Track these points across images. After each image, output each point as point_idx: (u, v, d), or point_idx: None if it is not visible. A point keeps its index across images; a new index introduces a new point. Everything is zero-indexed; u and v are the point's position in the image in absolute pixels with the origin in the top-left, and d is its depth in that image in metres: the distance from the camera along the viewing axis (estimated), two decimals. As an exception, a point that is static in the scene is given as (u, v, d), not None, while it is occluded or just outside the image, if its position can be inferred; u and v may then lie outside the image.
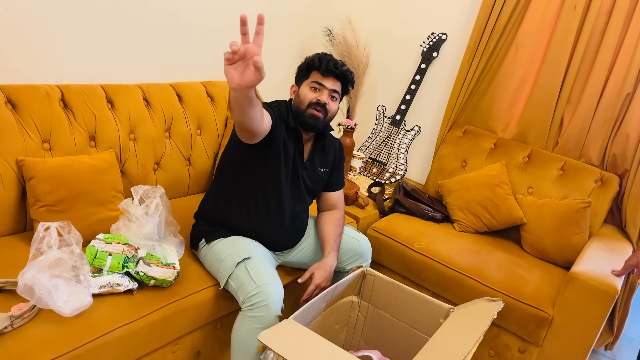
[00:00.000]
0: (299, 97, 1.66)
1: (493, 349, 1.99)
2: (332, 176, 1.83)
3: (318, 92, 1.64)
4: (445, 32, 2.75)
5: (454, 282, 2.02)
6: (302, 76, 1.68)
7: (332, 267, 1.69)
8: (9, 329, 1.18)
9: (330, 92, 1.65)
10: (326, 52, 1.70)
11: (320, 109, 1.63)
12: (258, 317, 1.43)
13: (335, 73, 1.63)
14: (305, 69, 1.67)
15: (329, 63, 1.63)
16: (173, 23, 2.11)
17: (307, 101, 1.63)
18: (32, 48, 1.72)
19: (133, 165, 1.85)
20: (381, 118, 2.91)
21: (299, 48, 2.80)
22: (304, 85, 1.66)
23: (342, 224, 1.82)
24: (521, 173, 2.43)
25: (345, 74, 1.66)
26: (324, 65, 1.62)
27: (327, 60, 1.63)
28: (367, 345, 1.77)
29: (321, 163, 1.77)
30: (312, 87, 1.64)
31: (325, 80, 1.64)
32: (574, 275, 1.80)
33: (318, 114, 1.63)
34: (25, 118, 1.58)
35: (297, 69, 1.71)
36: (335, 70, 1.63)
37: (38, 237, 1.32)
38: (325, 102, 1.63)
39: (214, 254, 1.60)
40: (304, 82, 1.67)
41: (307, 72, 1.66)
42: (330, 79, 1.64)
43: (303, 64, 1.69)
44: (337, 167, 1.85)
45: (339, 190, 1.87)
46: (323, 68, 1.62)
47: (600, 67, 2.28)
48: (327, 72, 1.63)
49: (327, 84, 1.64)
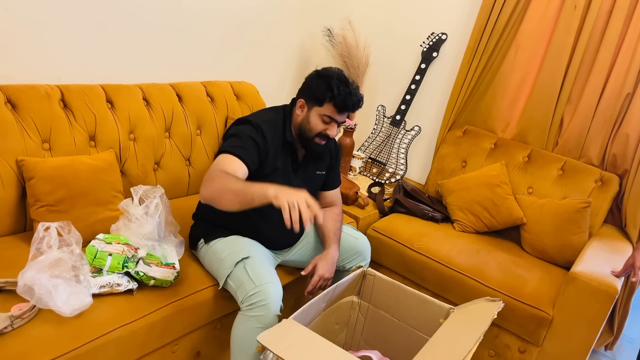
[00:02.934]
0: (308, 124, 1.60)
1: (493, 349, 1.99)
2: (328, 175, 1.83)
3: (328, 125, 1.59)
4: (445, 32, 2.75)
5: (454, 282, 2.02)
6: (315, 100, 1.58)
7: (335, 258, 1.70)
8: (9, 329, 1.18)
9: (340, 124, 1.62)
10: (343, 78, 1.57)
11: (327, 139, 1.63)
12: (257, 317, 1.43)
13: (351, 111, 1.60)
14: (322, 96, 1.56)
15: (346, 101, 1.54)
16: (173, 23, 2.11)
17: (317, 131, 1.60)
18: (32, 48, 1.72)
19: (133, 165, 1.85)
20: (381, 118, 2.91)
21: (299, 48, 2.80)
22: (315, 114, 1.59)
23: (340, 219, 1.83)
24: (521, 173, 2.43)
25: (358, 108, 1.61)
26: (340, 102, 1.54)
27: (345, 97, 1.54)
28: (367, 345, 1.77)
29: (316, 167, 1.76)
30: (322, 120, 1.59)
31: (339, 116, 1.58)
32: (574, 275, 1.80)
33: (323, 142, 1.63)
34: (25, 118, 1.58)
35: (309, 83, 1.61)
36: (352, 109, 1.58)
37: (38, 237, 1.32)
38: (334, 136, 1.62)
39: (213, 253, 1.60)
40: (314, 109, 1.59)
41: (320, 101, 1.57)
42: (345, 115, 1.60)
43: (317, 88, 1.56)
44: (334, 166, 1.84)
45: (336, 189, 1.88)
46: (340, 105, 1.55)
47: (600, 67, 2.28)
48: (345, 110, 1.57)
49: (339, 119, 1.59)
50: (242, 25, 2.42)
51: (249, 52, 2.52)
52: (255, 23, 2.48)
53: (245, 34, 2.45)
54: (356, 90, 1.58)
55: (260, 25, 2.52)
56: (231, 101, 2.26)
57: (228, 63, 2.44)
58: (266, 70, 2.67)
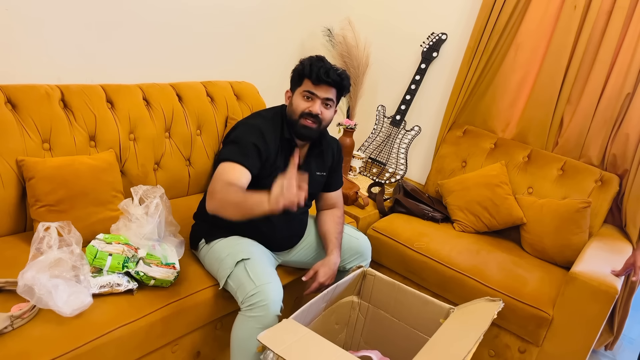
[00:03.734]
0: (292, 106, 1.60)
1: (493, 349, 1.99)
2: (331, 177, 1.82)
3: (310, 102, 1.57)
4: (445, 32, 2.75)
5: (454, 282, 2.02)
6: (295, 83, 1.61)
7: (336, 265, 1.69)
8: (9, 329, 1.18)
9: (323, 101, 1.58)
10: (320, 56, 1.60)
11: (313, 120, 1.57)
12: (257, 317, 1.43)
13: (327, 82, 1.55)
14: (298, 75, 1.59)
15: (319, 70, 1.53)
16: (173, 23, 2.11)
17: (299, 111, 1.57)
18: (32, 48, 1.72)
19: (133, 165, 1.85)
20: (381, 118, 2.91)
21: (299, 48, 2.80)
22: (297, 94, 1.60)
23: (342, 221, 1.83)
24: (521, 173, 2.43)
25: (337, 81, 1.56)
26: (314, 73, 1.53)
27: (319, 68, 1.54)
28: (367, 345, 1.77)
29: (318, 167, 1.75)
30: (304, 96, 1.57)
31: (317, 89, 1.56)
32: (574, 275, 1.80)
33: (311, 124, 1.58)
34: (25, 118, 1.58)
35: (291, 73, 1.64)
36: (326, 79, 1.54)
37: (38, 237, 1.32)
38: (318, 112, 1.57)
39: (213, 253, 1.60)
40: (296, 90, 1.60)
41: (299, 80, 1.59)
42: (323, 87, 1.56)
43: (295, 70, 1.62)
44: (336, 167, 1.83)
45: (337, 190, 1.87)
46: (314, 77, 1.54)
47: (600, 67, 2.28)
48: (319, 80, 1.54)
49: (319, 93, 1.56)
50: (242, 25, 2.42)
51: (249, 52, 2.52)
52: (256, 23, 2.48)
53: (245, 34, 2.45)
54: (331, 65, 1.56)
55: (261, 25, 2.52)
56: (231, 101, 2.26)
57: (228, 63, 2.44)
58: (266, 70, 2.67)
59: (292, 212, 1.67)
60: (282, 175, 1.27)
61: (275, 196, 1.25)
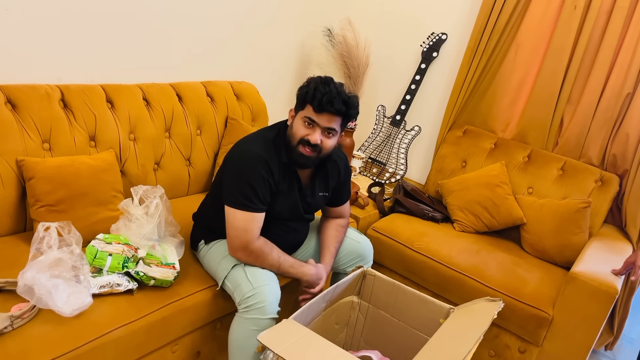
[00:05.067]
0: (292, 129, 1.49)
1: (493, 349, 1.99)
2: (335, 195, 1.75)
3: (310, 129, 1.45)
4: (445, 32, 2.75)
5: (454, 282, 2.02)
6: (299, 104, 1.49)
7: (325, 275, 1.65)
8: (9, 329, 1.18)
9: (325, 130, 1.45)
10: (328, 79, 1.44)
11: (312, 148, 1.46)
12: (254, 319, 1.43)
13: (330, 111, 1.41)
14: (301, 98, 1.46)
15: (323, 98, 1.39)
16: (173, 23, 2.11)
17: (298, 137, 1.46)
18: (32, 48, 1.72)
19: (133, 165, 1.85)
20: (381, 118, 2.91)
21: (299, 48, 2.80)
22: (298, 117, 1.47)
23: (344, 230, 1.79)
24: (521, 173, 2.43)
25: (342, 110, 1.42)
26: (317, 100, 1.40)
27: (322, 95, 1.39)
28: (367, 345, 1.77)
29: (321, 188, 1.68)
30: (305, 122, 1.45)
31: (319, 117, 1.43)
32: (574, 275, 1.80)
33: (309, 153, 1.47)
34: (25, 118, 1.58)
35: (297, 90, 1.50)
36: (330, 108, 1.40)
37: (38, 237, 1.32)
38: (317, 142, 1.44)
39: (212, 254, 1.60)
40: (299, 113, 1.48)
41: (302, 103, 1.46)
42: (325, 116, 1.43)
43: (300, 90, 1.48)
44: (342, 186, 1.75)
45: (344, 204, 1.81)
46: (316, 104, 1.40)
47: (600, 67, 2.28)
48: (321, 109, 1.41)
49: (321, 122, 1.43)
50: (242, 26, 2.42)
51: (249, 52, 2.52)
52: (256, 23, 2.48)
53: (245, 34, 2.45)
54: (341, 90, 1.43)
55: (261, 25, 2.52)
56: (231, 101, 2.26)
57: (228, 63, 2.44)
58: (266, 70, 2.67)
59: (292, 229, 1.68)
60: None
61: (314, 279, 1.59)
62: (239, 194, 1.46)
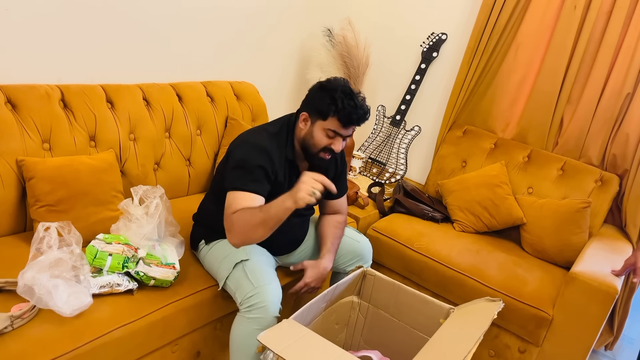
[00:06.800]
0: (312, 138, 1.54)
1: (493, 349, 1.99)
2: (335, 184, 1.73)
3: (333, 139, 1.53)
4: (445, 32, 2.75)
5: (454, 282, 2.02)
6: (318, 114, 1.51)
7: (326, 270, 1.66)
8: (9, 329, 1.18)
9: (345, 137, 1.56)
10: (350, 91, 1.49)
11: (330, 152, 1.56)
12: (256, 319, 1.43)
13: (357, 124, 1.52)
14: (325, 110, 1.49)
15: (352, 115, 1.47)
16: (173, 23, 2.11)
17: (321, 146, 1.54)
18: (32, 48, 1.72)
19: (133, 165, 1.85)
20: (381, 118, 2.92)
21: (299, 48, 2.80)
22: (319, 128, 1.52)
23: (342, 227, 1.80)
24: (521, 173, 2.43)
25: (363, 120, 1.52)
26: (345, 117, 1.47)
27: (351, 111, 1.47)
28: (367, 345, 1.77)
29: None
30: (327, 134, 1.52)
31: (344, 130, 1.52)
32: (574, 275, 1.80)
33: (328, 157, 1.58)
34: (25, 118, 1.58)
35: (312, 96, 1.55)
36: (357, 123, 1.51)
37: (38, 237, 1.32)
38: (339, 150, 1.55)
39: (213, 254, 1.60)
40: (318, 122, 1.52)
41: (324, 114, 1.50)
42: (350, 128, 1.53)
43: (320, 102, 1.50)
44: (340, 176, 1.79)
45: (341, 197, 1.83)
46: (345, 120, 1.48)
47: (600, 67, 2.28)
48: (350, 124, 1.50)
49: (344, 133, 1.53)
50: (242, 26, 2.42)
51: (249, 52, 2.52)
52: (256, 23, 2.48)
53: (245, 34, 2.45)
54: (362, 103, 1.51)
55: (261, 26, 2.52)
56: (231, 101, 2.26)
57: (228, 63, 2.44)
58: (266, 70, 2.67)
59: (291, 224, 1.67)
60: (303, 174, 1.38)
61: (297, 190, 1.35)
62: (234, 177, 1.48)
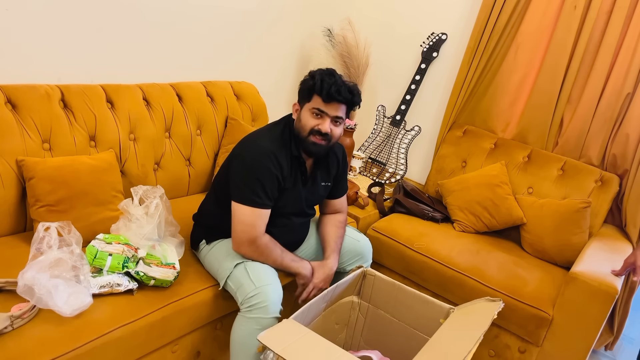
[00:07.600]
0: (300, 122, 1.56)
1: (493, 349, 1.99)
2: (335, 185, 1.78)
3: (320, 119, 1.53)
4: (445, 32, 2.75)
5: (454, 282, 2.02)
6: (304, 97, 1.56)
7: (333, 270, 1.68)
8: (9, 329, 1.18)
9: (333, 119, 1.54)
10: (331, 70, 1.55)
11: (322, 137, 1.53)
12: (257, 319, 1.43)
13: (337, 99, 1.51)
14: (307, 90, 1.54)
15: (330, 88, 1.48)
16: (173, 23, 2.11)
17: (308, 128, 1.53)
18: (32, 48, 1.72)
19: (133, 165, 1.85)
20: (381, 118, 2.91)
21: (299, 48, 2.80)
22: (305, 109, 1.54)
23: (343, 226, 1.81)
24: (521, 173, 2.43)
25: (348, 98, 1.52)
26: (325, 90, 1.48)
27: (330, 85, 1.48)
28: (367, 345, 1.77)
29: (323, 178, 1.72)
30: (313, 113, 1.53)
31: (327, 107, 1.51)
32: (574, 275, 1.80)
33: (320, 141, 1.54)
34: (25, 118, 1.58)
35: (300, 84, 1.58)
36: (337, 96, 1.49)
37: (38, 237, 1.32)
38: (327, 131, 1.52)
39: (213, 254, 1.60)
40: (305, 105, 1.55)
41: (308, 95, 1.54)
42: (333, 105, 1.51)
43: (304, 83, 1.56)
44: (341, 176, 1.79)
45: (342, 197, 1.84)
46: (325, 94, 1.49)
47: (600, 67, 2.28)
48: (330, 98, 1.49)
49: (329, 111, 1.51)
50: (242, 25, 2.42)
51: (249, 52, 2.52)
52: (256, 23, 2.48)
53: (245, 34, 2.45)
54: (345, 82, 1.52)
55: (261, 25, 2.52)
56: (231, 101, 2.26)
57: (228, 63, 2.44)
58: (266, 70, 2.67)
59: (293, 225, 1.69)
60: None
61: (315, 275, 1.64)
62: (247, 189, 1.50)
